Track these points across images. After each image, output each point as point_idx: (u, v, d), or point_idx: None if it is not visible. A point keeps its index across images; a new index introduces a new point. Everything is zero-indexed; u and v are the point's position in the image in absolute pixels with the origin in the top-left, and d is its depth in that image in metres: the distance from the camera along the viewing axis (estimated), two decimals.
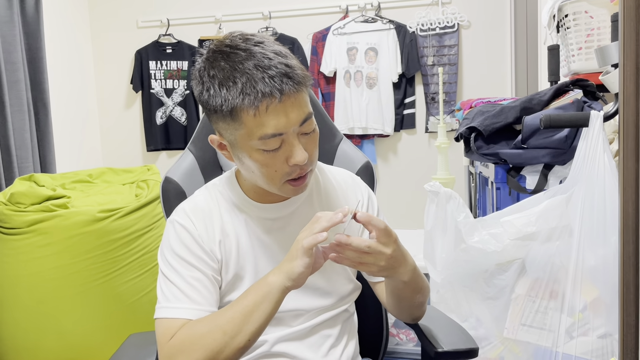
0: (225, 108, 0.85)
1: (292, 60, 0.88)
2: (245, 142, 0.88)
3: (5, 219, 2.13)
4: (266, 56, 0.85)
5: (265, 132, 0.85)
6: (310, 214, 1.02)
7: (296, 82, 0.85)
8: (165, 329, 0.89)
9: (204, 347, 0.83)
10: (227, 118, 0.87)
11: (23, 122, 2.76)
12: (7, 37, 2.70)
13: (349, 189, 1.09)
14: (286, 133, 0.86)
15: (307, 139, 0.90)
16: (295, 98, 0.86)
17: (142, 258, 2.21)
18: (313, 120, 0.90)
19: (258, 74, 0.83)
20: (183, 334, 0.86)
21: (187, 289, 0.91)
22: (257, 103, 0.83)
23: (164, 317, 0.91)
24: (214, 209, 1.00)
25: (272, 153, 0.87)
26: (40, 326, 2.13)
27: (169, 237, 0.97)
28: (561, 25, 1.78)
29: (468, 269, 1.49)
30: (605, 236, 1.34)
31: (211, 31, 3.68)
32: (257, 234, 1.00)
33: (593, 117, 1.38)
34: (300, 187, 0.93)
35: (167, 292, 0.92)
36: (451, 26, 3.40)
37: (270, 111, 0.84)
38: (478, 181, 2.25)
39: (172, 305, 0.91)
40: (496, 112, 1.67)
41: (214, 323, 0.84)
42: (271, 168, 0.89)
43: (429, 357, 1.14)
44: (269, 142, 0.86)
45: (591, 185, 1.36)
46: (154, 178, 2.42)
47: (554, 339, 1.39)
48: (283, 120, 0.85)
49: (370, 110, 3.46)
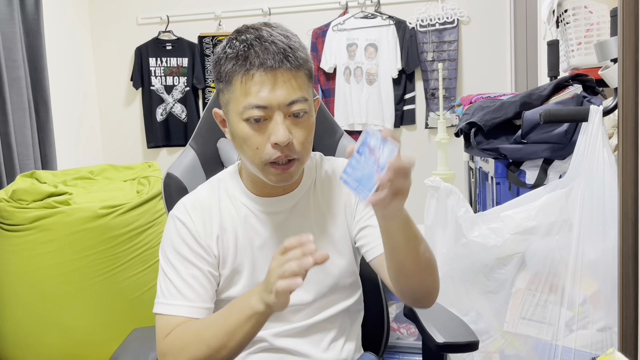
0: (224, 74, 0.90)
1: (297, 45, 0.90)
2: (234, 110, 0.90)
3: (7, 216, 2.14)
4: (272, 35, 0.88)
5: (249, 101, 0.87)
6: (310, 208, 1.02)
7: (291, 61, 0.87)
8: (162, 324, 0.93)
9: (190, 355, 0.87)
10: (224, 85, 0.91)
11: (24, 120, 2.76)
12: (7, 34, 2.71)
13: None
14: (270, 108, 0.87)
15: (296, 123, 0.90)
16: (286, 76, 0.87)
17: (144, 254, 2.22)
18: (307, 106, 0.90)
19: (257, 46, 0.87)
20: (174, 337, 0.90)
21: (182, 286, 0.94)
22: (246, 70, 0.87)
23: (160, 313, 0.94)
24: (214, 204, 1.01)
25: (255, 126, 0.88)
26: (43, 322, 2.14)
27: (168, 233, 0.99)
28: (561, 20, 1.79)
29: (468, 263, 1.50)
30: (605, 230, 1.35)
31: (211, 28, 3.68)
32: (256, 228, 1.00)
33: (592, 111, 1.38)
34: (283, 175, 0.92)
35: (165, 288, 0.95)
36: (451, 22, 3.40)
37: (256, 81, 0.86)
38: (478, 176, 2.26)
39: (168, 302, 0.94)
40: (496, 108, 1.68)
41: (201, 336, 0.87)
42: (253, 144, 0.89)
43: (430, 351, 1.14)
44: (252, 111, 0.87)
45: (590, 180, 1.36)
46: (155, 174, 2.43)
47: (553, 333, 1.40)
48: (268, 93, 0.86)
49: (370, 106, 3.46)
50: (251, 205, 1.01)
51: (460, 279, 1.52)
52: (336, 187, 1.05)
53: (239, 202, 1.01)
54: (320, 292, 1.03)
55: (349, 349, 1.08)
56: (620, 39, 1.21)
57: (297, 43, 0.90)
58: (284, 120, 0.88)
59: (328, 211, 1.03)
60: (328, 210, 1.03)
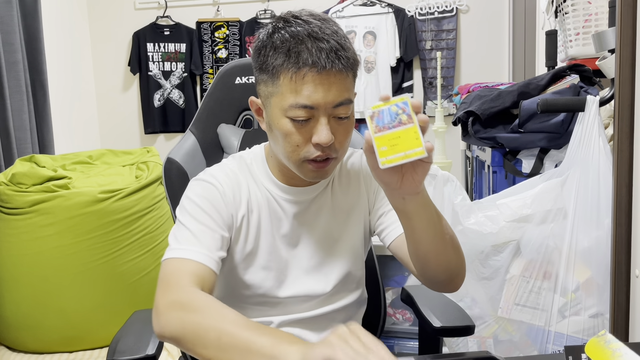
0: (270, 67, 0.87)
1: (348, 44, 0.88)
2: (277, 106, 0.88)
3: (7, 199, 2.15)
4: (323, 31, 0.86)
5: (297, 101, 0.85)
6: (330, 201, 1.03)
7: (343, 62, 0.85)
8: (173, 267, 0.86)
9: (196, 328, 0.76)
10: (268, 78, 0.88)
11: (21, 104, 2.76)
12: (4, 18, 2.69)
13: (368, 174, 1.06)
14: (317, 109, 0.86)
15: (339, 124, 0.89)
16: (337, 78, 0.86)
17: (142, 239, 2.23)
18: (350, 108, 0.90)
19: (308, 43, 0.84)
20: (196, 297, 0.80)
21: (199, 233, 0.90)
22: (297, 68, 0.84)
23: (172, 257, 0.87)
24: (242, 180, 1.00)
25: (299, 125, 0.87)
26: (43, 305, 2.16)
27: (192, 190, 0.96)
28: (559, 10, 1.79)
29: (464, 250, 1.51)
30: (599, 218, 1.37)
31: (209, 13, 3.67)
32: (277, 214, 1.00)
33: (589, 101, 1.40)
34: (319, 172, 0.91)
35: (179, 235, 0.90)
36: (450, 10, 3.39)
37: (307, 80, 0.84)
38: (475, 165, 2.28)
39: (183, 247, 0.88)
40: (494, 97, 1.69)
41: (219, 324, 0.75)
42: (294, 141, 0.88)
43: (426, 335, 1.16)
44: (299, 111, 0.86)
45: (586, 169, 1.38)
46: (153, 160, 2.43)
47: (546, 318, 1.43)
48: (318, 94, 0.85)
49: (369, 95, 3.46)
50: (274, 192, 1.00)
51: None
52: (355, 180, 1.05)
53: (263, 186, 1.01)
54: (331, 284, 1.03)
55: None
56: (618, 30, 1.22)
57: (347, 41, 0.88)
58: (329, 121, 0.87)
59: (345, 204, 1.04)
60: (345, 202, 1.04)
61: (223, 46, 3.66)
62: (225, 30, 3.64)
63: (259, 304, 1.02)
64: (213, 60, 3.68)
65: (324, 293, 1.03)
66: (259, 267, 1.00)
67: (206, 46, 3.67)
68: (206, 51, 3.67)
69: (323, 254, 1.02)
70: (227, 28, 3.64)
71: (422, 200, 0.81)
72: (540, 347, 1.44)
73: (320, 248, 1.02)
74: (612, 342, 0.71)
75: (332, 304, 1.05)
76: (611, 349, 0.70)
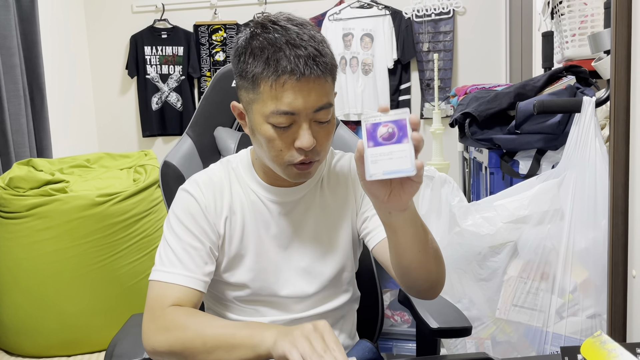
0: (250, 74, 0.88)
1: (326, 49, 0.89)
2: (259, 112, 0.90)
3: (5, 203, 2.15)
4: (300, 37, 0.87)
5: (278, 108, 0.86)
6: (317, 202, 1.04)
7: (321, 68, 0.86)
8: (158, 292, 0.91)
9: (182, 342, 0.85)
10: (249, 85, 0.90)
11: (19, 108, 2.76)
12: (2, 21, 2.69)
13: (356, 177, 1.06)
14: (298, 114, 0.87)
15: (320, 128, 0.90)
16: (315, 83, 0.87)
17: (140, 242, 2.23)
18: (330, 112, 0.91)
19: (286, 50, 0.85)
20: (176, 317, 0.88)
21: (182, 255, 0.93)
22: (276, 76, 0.85)
23: (157, 280, 0.93)
24: (225, 185, 1.01)
25: (280, 130, 0.88)
26: (41, 308, 2.15)
27: (177, 205, 0.99)
28: (555, 11, 1.80)
29: (462, 252, 1.52)
30: (596, 219, 1.37)
31: (206, 16, 3.67)
32: (263, 215, 1.01)
33: (585, 102, 1.40)
34: (303, 173, 0.93)
35: (164, 256, 0.94)
36: (446, 12, 3.40)
37: (287, 88, 0.85)
38: (472, 166, 2.28)
39: (166, 270, 0.93)
40: (490, 98, 1.69)
41: (201, 331, 0.84)
42: (277, 146, 0.90)
43: (424, 336, 1.16)
44: (280, 118, 0.87)
45: (582, 170, 1.39)
46: (151, 163, 2.43)
47: (544, 319, 1.43)
48: (298, 101, 0.86)
49: (366, 97, 3.47)
50: (260, 193, 1.02)
51: (454, 267, 1.55)
52: (343, 182, 1.06)
53: (249, 188, 1.02)
54: (322, 285, 1.04)
55: (345, 336, 1.11)
56: (613, 31, 1.23)
57: (324, 46, 0.89)
58: (310, 125, 0.89)
59: (334, 205, 1.05)
60: (334, 203, 1.05)
61: (220, 49, 3.67)
62: (222, 33, 3.65)
63: (250, 305, 1.03)
64: (210, 63, 3.68)
65: (315, 293, 1.03)
66: (247, 269, 1.01)
67: (204, 49, 3.67)
68: (204, 54, 3.68)
69: (314, 254, 1.03)
70: (225, 31, 3.64)
71: (409, 216, 0.82)
72: (538, 348, 1.44)
73: (311, 248, 1.03)
74: (608, 343, 0.71)
75: (324, 304, 1.05)
76: (607, 349, 0.70)
